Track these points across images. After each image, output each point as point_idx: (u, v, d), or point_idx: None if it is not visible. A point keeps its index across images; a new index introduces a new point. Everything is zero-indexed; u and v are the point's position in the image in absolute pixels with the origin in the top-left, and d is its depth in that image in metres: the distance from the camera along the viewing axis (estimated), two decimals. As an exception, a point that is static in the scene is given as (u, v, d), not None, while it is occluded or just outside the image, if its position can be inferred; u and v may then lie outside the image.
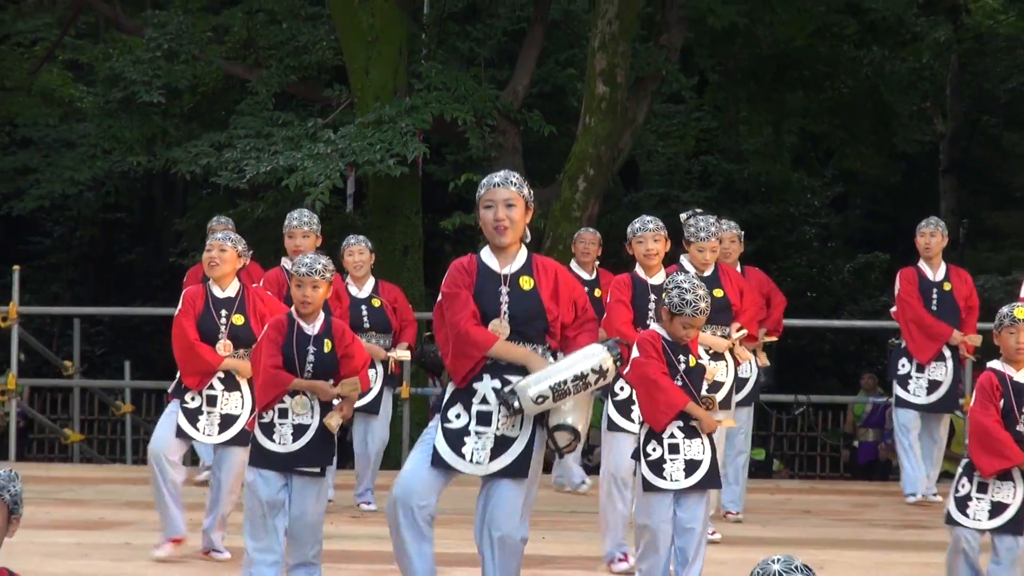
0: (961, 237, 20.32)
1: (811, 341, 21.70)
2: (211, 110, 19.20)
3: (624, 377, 7.40)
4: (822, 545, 8.71)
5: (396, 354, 9.82)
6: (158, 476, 7.77)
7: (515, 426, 5.79)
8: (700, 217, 8.38)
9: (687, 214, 8.47)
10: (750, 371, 9.32)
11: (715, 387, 7.32)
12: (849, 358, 22.40)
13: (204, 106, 19.17)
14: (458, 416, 5.81)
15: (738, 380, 8.88)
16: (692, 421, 6.56)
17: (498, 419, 5.77)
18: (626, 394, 7.75)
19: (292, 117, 16.26)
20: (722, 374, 8.17)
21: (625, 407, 7.78)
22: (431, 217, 17.98)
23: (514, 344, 5.80)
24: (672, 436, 6.55)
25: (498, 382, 5.76)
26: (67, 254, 25.37)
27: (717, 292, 8.14)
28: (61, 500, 10.33)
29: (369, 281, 9.84)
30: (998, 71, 23.44)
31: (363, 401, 9.11)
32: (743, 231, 9.80)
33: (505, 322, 5.81)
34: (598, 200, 15.09)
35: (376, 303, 9.78)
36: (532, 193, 5.95)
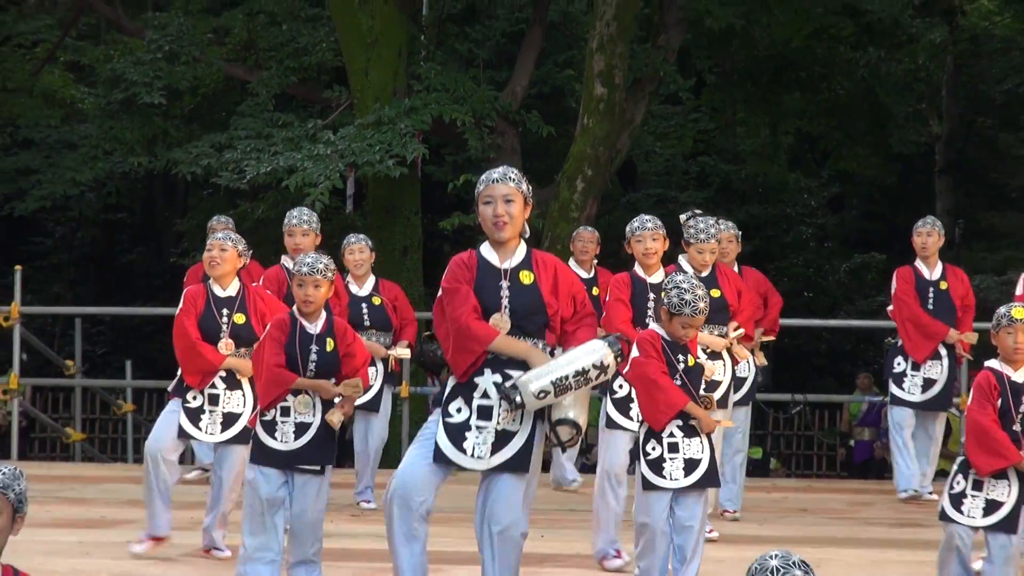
0: (957, 237, 20.29)
1: (808, 341, 21.68)
2: (212, 111, 19.19)
3: (623, 376, 7.41)
4: (819, 543, 8.70)
5: (396, 352, 9.83)
6: (151, 474, 7.75)
7: (515, 420, 5.78)
8: (700, 219, 8.36)
9: (687, 215, 8.46)
10: (748, 370, 9.32)
11: (712, 386, 7.33)
12: (845, 357, 22.38)
13: (205, 107, 19.16)
14: (459, 410, 5.80)
15: (736, 379, 8.89)
16: (691, 420, 6.57)
17: (498, 413, 5.77)
18: (624, 392, 7.75)
19: (292, 118, 16.25)
20: (720, 373, 8.17)
21: (623, 405, 7.78)
22: (430, 217, 17.98)
23: (515, 339, 5.79)
24: (671, 435, 6.55)
25: (499, 376, 5.76)
26: (68, 254, 25.34)
27: (714, 292, 8.14)
28: (63, 499, 10.33)
29: (370, 279, 9.85)
30: (994, 72, 23.42)
31: (364, 399, 9.12)
32: (740, 231, 9.80)
33: (506, 316, 5.80)
34: (596, 200, 15.09)
35: (376, 301, 9.79)
36: (531, 189, 5.95)
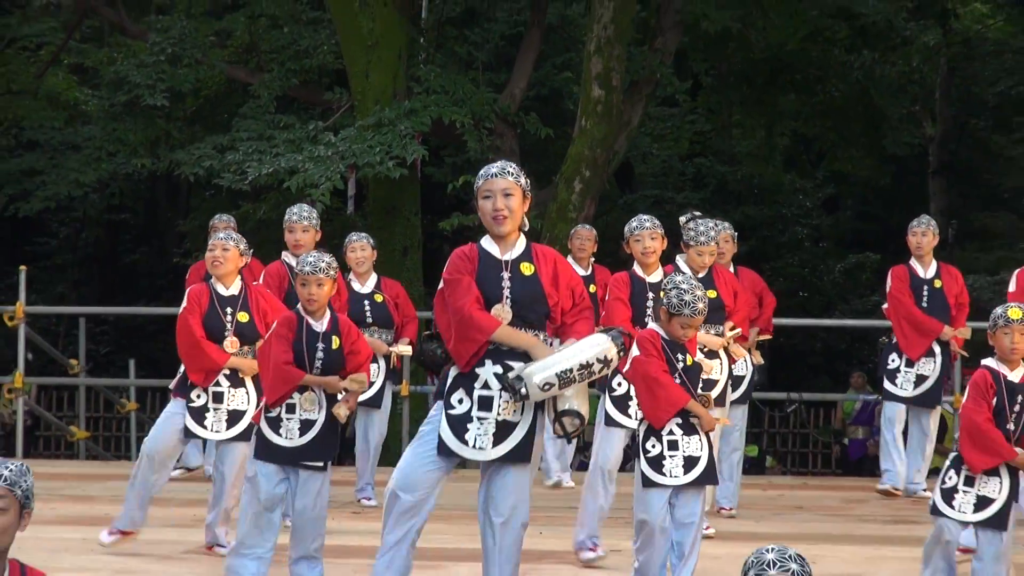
0: (950, 238, 20.35)
1: (803, 340, 21.69)
2: (214, 113, 19.18)
3: (624, 375, 7.40)
4: (814, 540, 8.70)
5: (398, 349, 9.86)
6: (142, 472, 7.79)
7: (516, 411, 5.77)
8: (700, 221, 8.35)
9: (687, 217, 8.45)
10: (746, 369, 9.32)
11: (710, 385, 7.32)
12: (840, 356, 22.40)
13: (207, 109, 19.15)
14: (460, 401, 5.80)
15: (734, 378, 8.89)
16: (691, 418, 6.56)
17: (499, 404, 5.76)
18: (623, 389, 7.75)
19: (293, 120, 16.25)
20: (716, 372, 8.17)
21: (622, 402, 7.78)
22: (430, 218, 17.99)
23: (517, 329, 5.78)
24: (671, 433, 6.55)
25: (499, 367, 5.75)
26: (72, 255, 25.35)
27: (711, 293, 8.13)
28: (67, 497, 10.31)
29: (372, 277, 9.86)
30: (986, 75, 23.46)
31: (366, 395, 9.13)
32: (736, 232, 9.80)
33: (507, 307, 5.80)
34: (594, 201, 15.09)
35: (379, 299, 9.81)
36: (529, 183, 5.95)
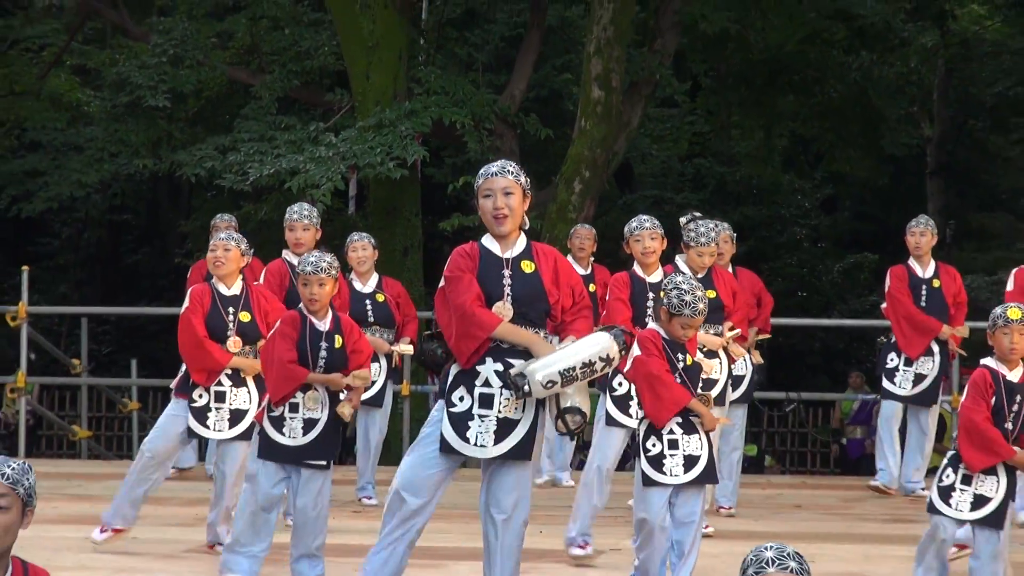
0: (948, 238, 20.33)
1: (802, 339, 21.69)
2: (215, 114, 19.18)
3: (624, 374, 7.39)
4: (812, 539, 8.69)
5: (399, 348, 9.86)
6: (140, 471, 7.82)
7: (517, 409, 5.76)
8: (700, 222, 8.34)
9: (687, 218, 8.44)
10: (745, 369, 9.32)
11: (709, 385, 7.32)
12: (839, 356, 22.40)
13: (208, 110, 19.15)
14: (461, 399, 5.78)
15: (734, 378, 8.89)
16: (691, 417, 6.56)
17: (500, 402, 5.75)
18: (624, 389, 7.75)
19: (294, 121, 16.25)
20: (716, 372, 8.17)
21: (623, 402, 7.78)
22: (430, 219, 17.98)
23: (518, 326, 5.77)
24: (671, 432, 6.54)
25: (500, 365, 5.73)
26: (75, 255, 25.35)
27: (710, 293, 8.12)
28: (69, 495, 10.31)
29: (373, 277, 9.87)
30: (984, 76, 23.46)
31: (367, 394, 9.14)
32: (735, 233, 9.79)
33: (508, 304, 5.78)
34: (593, 202, 15.08)
35: (380, 298, 9.82)
36: (529, 181, 5.94)
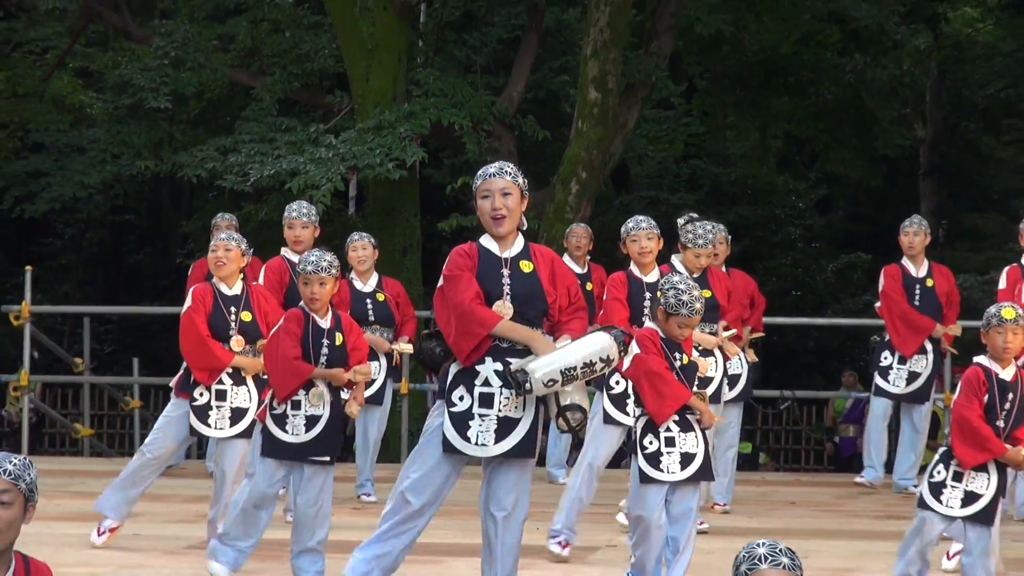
0: (940, 238, 20.34)
1: (796, 338, 21.70)
2: (216, 116, 19.17)
3: (622, 373, 7.39)
4: (806, 535, 8.70)
5: (399, 347, 9.87)
6: (139, 471, 7.88)
7: (518, 407, 5.76)
8: (698, 223, 8.34)
9: (684, 219, 8.44)
10: (741, 368, 9.32)
11: (704, 383, 7.32)
12: (832, 354, 22.41)
13: (210, 112, 19.14)
14: (461, 398, 5.77)
15: (730, 377, 8.91)
16: (688, 415, 6.56)
17: (500, 401, 5.75)
18: (621, 388, 7.75)
19: (295, 122, 16.23)
20: (712, 370, 8.18)
21: (620, 401, 7.79)
22: (429, 219, 17.97)
23: (518, 324, 5.76)
24: (668, 430, 6.55)
25: (499, 365, 5.73)
26: (77, 255, 25.34)
27: (706, 292, 8.14)
28: (72, 493, 10.32)
29: (373, 276, 9.88)
30: (976, 78, 23.45)
31: (367, 392, 9.12)
32: (730, 235, 9.79)
33: (508, 303, 5.78)
34: (590, 202, 15.07)
35: (380, 297, 9.83)
36: (527, 182, 5.94)
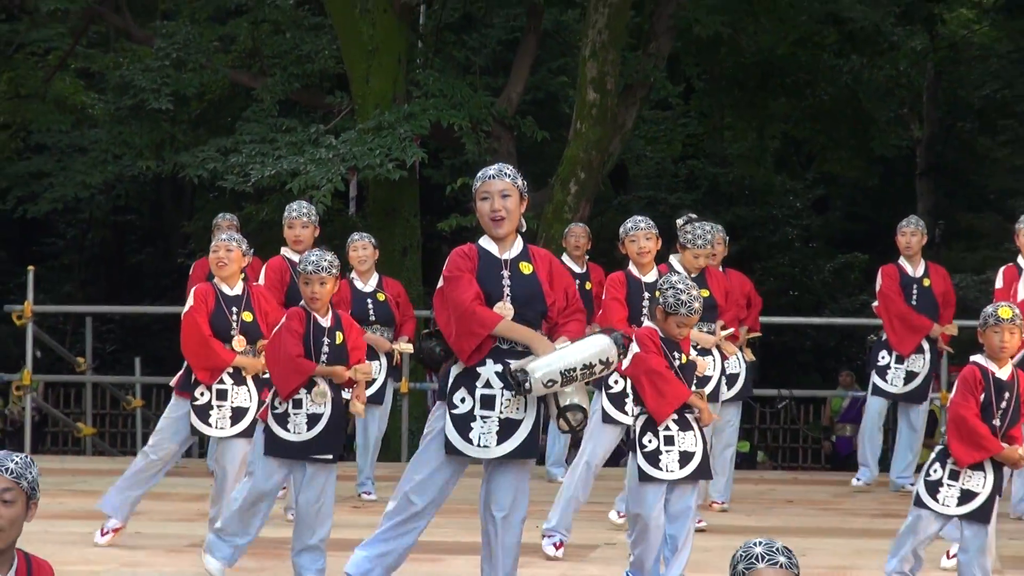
0: (937, 238, 20.34)
1: (793, 338, 21.70)
2: (218, 116, 19.17)
3: (621, 372, 7.40)
4: (804, 533, 8.71)
5: (399, 347, 9.87)
6: (142, 472, 7.91)
7: (519, 409, 5.76)
8: (697, 224, 8.35)
9: (684, 219, 8.44)
10: (740, 367, 9.32)
11: (703, 382, 7.33)
12: (830, 354, 22.41)
13: (211, 113, 19.14)
14: (463, 400, 5.77)
15: (728, 376, 8.92)
16: (686, 413, 6.57)
17: (501, 403, 5.75)
18: (620, 387, 7.76)
19: (295, 123, 16.23)
20: (709, 369, 8.19)
21: (619, 400, 7.79)
22: (429, 219, 17.97)
23: (519, 324, 5.76)
24: (667, 428, 6.55)
25: (500, 367, 5.73)
26: (79, 255, 25.34)
27: (704, 292, 8.14)
28: (74, 491, 10.33)
29: (373, 276, 9.88)
30: (972, 78, 23.47)
31: (368, 392, 9.12)
32: (728, 236, 9.81)
33: (508, 304, 5.78)
34: (589, 202, 15.08)
35: (381, 297, 9.84)
36: (526, 184, 5.94)
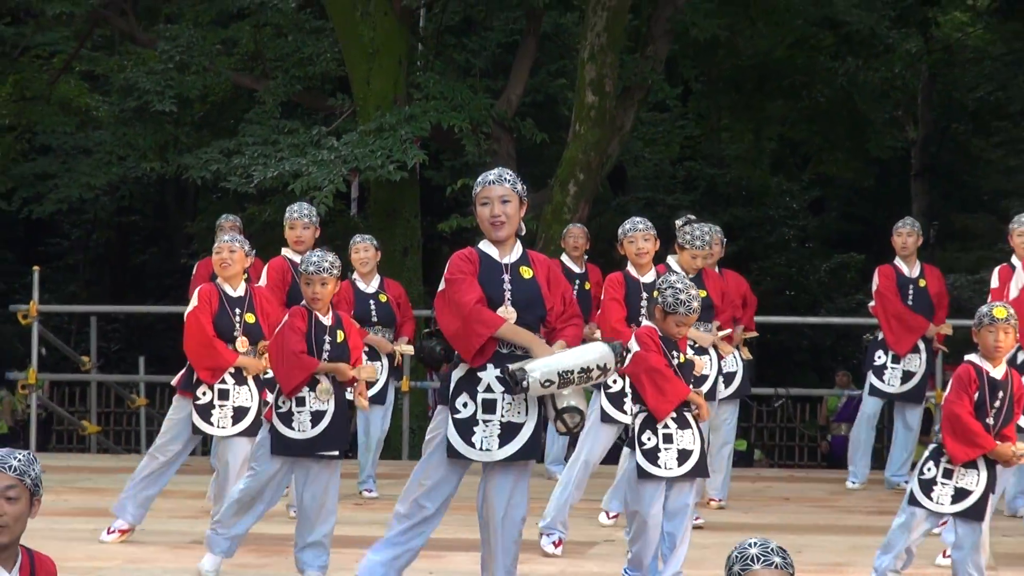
0: (931, 238, 20.31)
1: (790, 337, 21.68)
2: (221, 118, 19.16)
3: (621, 371, 7.40)
4: (800, 530, 8.71)
5: (400, 348, 9.88)
6: (151, 473, 7.93)
7: (520, 412, 5.76)
8: (696, 225, 8.35)
9: (682, 220, 8.45)
10: (737, 365, 9.32)
11: (699, 381, 7.33)
12: (826, 353, 22.39)
13: (214, 115, 19.13)
14: (465, 405, 5.77)
15: (725, 375, 8.92)
16: (685, 412, 6.57)
17: (502, 406, 5.75)
18: (619, 387, 7.76)
19: (297, 125, 16.22)
20: (707, 368, 8.19)
21: (618, 399, 7.80)
22: (429, 220, 17.97)
23: (520, 327, 5.76)
24: (666, 426, 6.55)
25: (500, 371, 5.72)
26: (84, 255, 25.34)
27: (701, 292, 8.14)
28: (79, 488, 10.33)
29: (375, 278, 9.89)
30: (966, 81, 23.47)
31: (370, 392, 9.12)
32: (725, 235, 9.81)
33: (511, 308, 5.78)
34: (588, 203, 15.07)
35: (383, 298, 9.84)
36: (525, 188, 5.94)
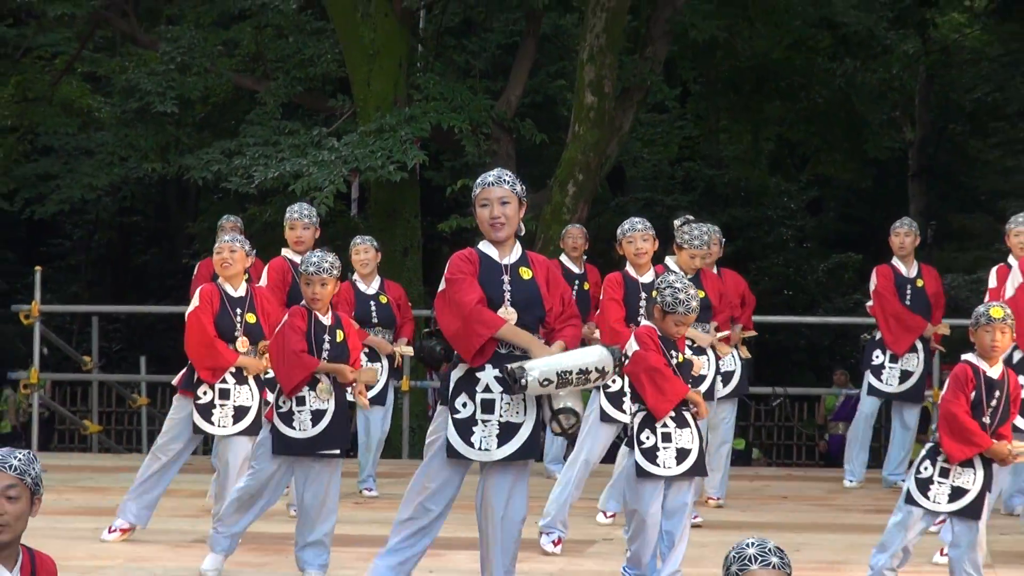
0: (929, 238, 20.33)
1: (787, 336, 21.68)
2: (222, 119, 19.16)
3: (620, 370, 7.40)
4: (798, 529, 8.71)
5: (401, 349, 9.88)
6: (154, 474, 7.93)
7: (519, 412, 5.76)
8: (695, 225, 8.35)
9: (681, 220, 8.45)
10: (735, 364, 9.33)
11: (697, 381, 7.33)
12: (823, 352, 22.38)
13: (215, 116, 19.13)
14: (464, 405, 5.76)
15: (723, 374, 8.92)
16: (683, 411, 6.56)
17: (501, 407, 5.74)
18: (618, 386, 7.76)
19: (298, 126, 16.22)
20: (705, 367, 8.19)
21: (617, 399, 7.80)
22: (429, 220, 17.97)
23: (520, 328, 5.75)
24: (665, 425, 6.55)
25: (499, 372, 5.71)
26: (86, 256, 25.34)
27: (699, 292, 8.14)
28: (81, 487, 10.33)
29: (376, 279, 9.89)
30: (964, 82, 23.48)
31: (371, 393, 9.13)
32: (723, 235, 9.81)
33: (511, 309, 5.78)
34: (587, 204, 15.07)
35: (383, 299, 9.85)
36: (525, 189, 5.93)
